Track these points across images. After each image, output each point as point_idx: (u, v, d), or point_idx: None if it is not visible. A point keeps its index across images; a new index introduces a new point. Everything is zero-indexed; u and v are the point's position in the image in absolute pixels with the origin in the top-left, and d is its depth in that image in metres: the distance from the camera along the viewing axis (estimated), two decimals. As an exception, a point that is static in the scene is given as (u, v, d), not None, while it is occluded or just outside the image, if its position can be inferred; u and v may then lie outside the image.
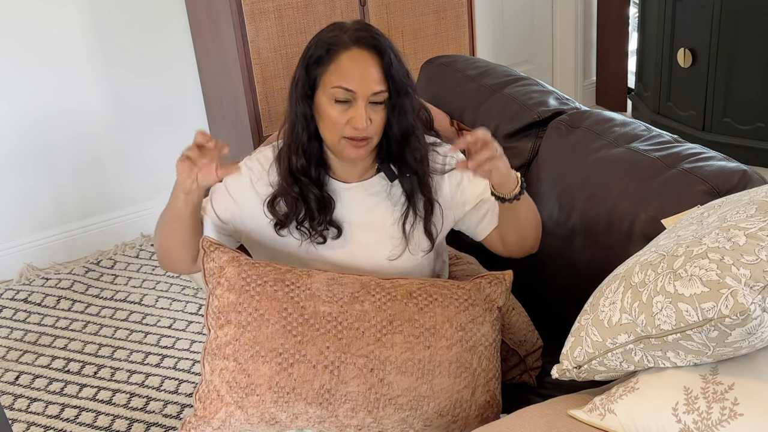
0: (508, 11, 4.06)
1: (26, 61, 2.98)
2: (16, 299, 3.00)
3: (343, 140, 1.53)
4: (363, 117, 1.49)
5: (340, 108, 1.50)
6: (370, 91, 1.49)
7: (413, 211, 1.62)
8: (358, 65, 1.49)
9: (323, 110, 1.52)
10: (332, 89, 1.50)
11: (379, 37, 1.52)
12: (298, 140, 1.57)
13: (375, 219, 1.64)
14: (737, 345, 1.12)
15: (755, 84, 3.43)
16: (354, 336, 1.46)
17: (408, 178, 1.61)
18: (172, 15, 3.19)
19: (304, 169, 1.58)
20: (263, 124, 2.94)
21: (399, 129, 1.56)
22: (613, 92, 4.24)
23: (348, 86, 1.49)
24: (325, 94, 1.51)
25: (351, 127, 1.50)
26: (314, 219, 1.60)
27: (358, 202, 1.64)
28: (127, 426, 2.35)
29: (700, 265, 1.12)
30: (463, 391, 1.48)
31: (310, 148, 1.58)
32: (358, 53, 1.50)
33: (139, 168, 3.32)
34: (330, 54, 1.50)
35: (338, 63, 1.50)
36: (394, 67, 1.51)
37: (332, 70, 1.50)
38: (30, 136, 3.07)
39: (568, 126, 1.90)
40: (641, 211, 1.61)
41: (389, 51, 1.51)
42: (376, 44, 1.50)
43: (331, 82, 1.50)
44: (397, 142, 1.58)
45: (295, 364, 1.44)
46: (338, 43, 1.50)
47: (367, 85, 1.49)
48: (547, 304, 1.84)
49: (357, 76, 1.49)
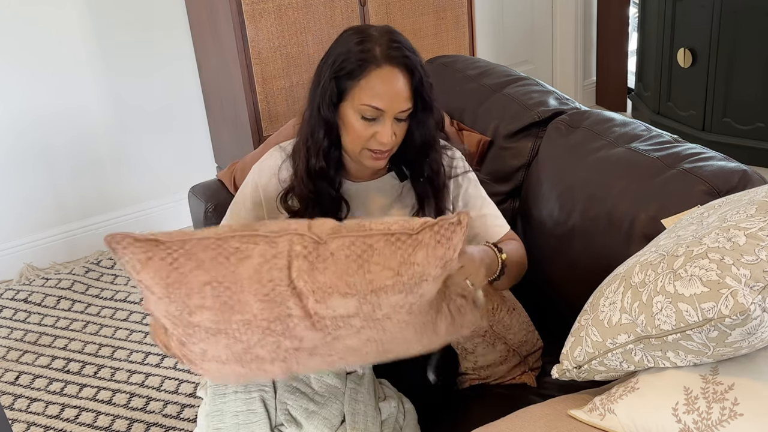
0: (508, 11, 4.06)
1: (25, 61, 2.98)
2: (16, 299, 3.00)
3: (365, 151, 1.54)
4: (389, 133, 1.50)
5: (367, 123, 1.51)
6: (399, 109, 1.50)
7: (422, 214, 1.62)
8: (390, 85, 1.48)
9: (348, 122, 1.52)
10: (361, 106, 1.49)
11: (410, 55, 1.51)
12: (318, 144, 1.57)
13: (385, 217, 1.64)
14: (737, 345, 1.12)
15: (755, 84, 3.43)
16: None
17: (421, 183, 1.62)
18: (172, 15, 3.19)
19: (323, 171, 1.59)
20: (263, 124, 2.94)
21: (420, 140, 1.57)
22: (613, 92, 4.24)
23: (378, 105, 1.49)
24: (353, 108, 1.51)
25: (376, 140, 1.51)
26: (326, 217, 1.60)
27: (369, 200, 1.65)
28: (127, 426, 2.35)
29: (700, 265, 1.12)
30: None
31: (331, 153, 1.58)
32: (390, 72, 1.49)
33: (140, 168, 3.32)
34: (362, 69, 1.48)
35: (369, 80, 1.48)
36: (423, 85, 1.51)
37: (363, 86, 1.49)
38: (30, 136, 3.07)
39: (568, 126, 1.90)
40: (641, 211, 1.61)
41: (419, 69, 1.51)
42: (408, 63, 1.50)
43: (361, 99, 1.49)
44: (416, 152, 1.59)
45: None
46: (370, 60, 1.48)
47: (396, 103, 1.49)
48: (547, 304, 1.84)
49: (388, 96, 1.48)
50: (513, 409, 1.42)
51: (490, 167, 2.02)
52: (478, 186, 1.72)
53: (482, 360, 1.68)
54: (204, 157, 3.44)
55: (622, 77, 4.20)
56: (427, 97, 1.53)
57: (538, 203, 1.87)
